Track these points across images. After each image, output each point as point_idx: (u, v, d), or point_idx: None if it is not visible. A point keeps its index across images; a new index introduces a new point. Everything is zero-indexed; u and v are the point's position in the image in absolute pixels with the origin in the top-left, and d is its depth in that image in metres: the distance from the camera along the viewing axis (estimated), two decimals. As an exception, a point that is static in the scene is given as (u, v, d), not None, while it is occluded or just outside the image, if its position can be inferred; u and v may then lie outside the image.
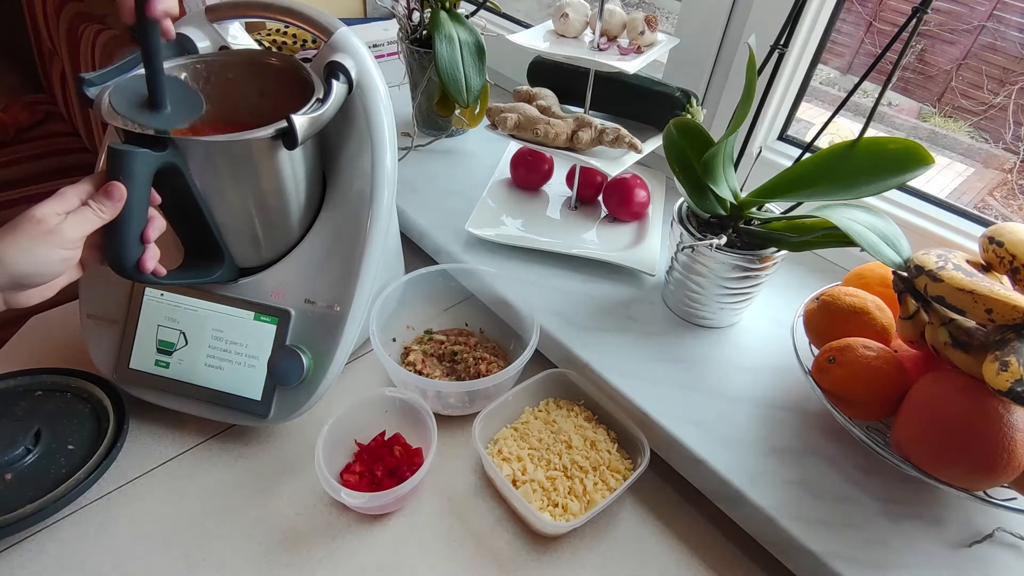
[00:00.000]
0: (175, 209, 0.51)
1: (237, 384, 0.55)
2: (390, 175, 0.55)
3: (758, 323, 0.65)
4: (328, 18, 0.53)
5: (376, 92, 0.54)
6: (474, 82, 0.77)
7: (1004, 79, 1.06)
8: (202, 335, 0.55)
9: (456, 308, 0.72)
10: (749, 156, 0.72)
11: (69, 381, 0.58)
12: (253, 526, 0.52)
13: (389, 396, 0.58)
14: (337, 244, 0.55)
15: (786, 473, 0.51)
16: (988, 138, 1.14)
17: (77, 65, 1.30)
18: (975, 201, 1.14)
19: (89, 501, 0.53)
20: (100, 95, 0.46)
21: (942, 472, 0.45)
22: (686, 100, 0.71)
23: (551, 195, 0.81)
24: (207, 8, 0.55)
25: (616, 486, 0.53)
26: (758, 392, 0.57)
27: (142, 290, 0.56)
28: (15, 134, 1.41)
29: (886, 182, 0.49)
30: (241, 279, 0.55)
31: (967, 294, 0.43)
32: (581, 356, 0.60)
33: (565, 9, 0.66)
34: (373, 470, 0.54)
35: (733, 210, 0.57)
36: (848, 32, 1.14)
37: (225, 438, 0.58)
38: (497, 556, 0.51)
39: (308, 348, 0.54)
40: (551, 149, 0.66)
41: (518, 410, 0.60)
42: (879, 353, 0.49)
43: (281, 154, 0.49)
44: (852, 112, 0.82)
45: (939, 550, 0.46)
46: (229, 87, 0.54)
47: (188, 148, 0.45)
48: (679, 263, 0.61)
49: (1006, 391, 0.39)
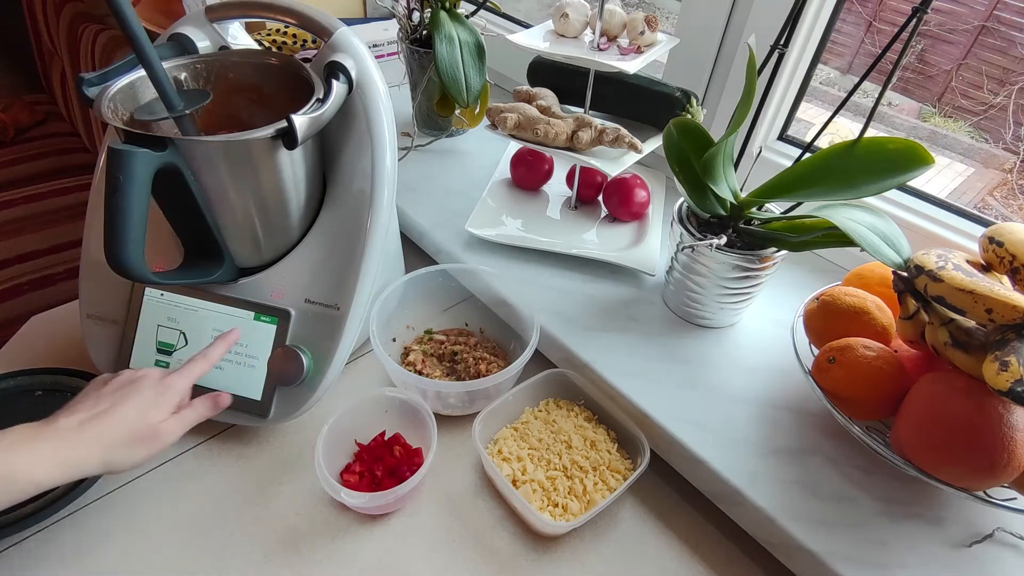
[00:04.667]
0: (175, 209, 0.51)
1: (237, 384, 0.55)
2: (390, 175, 0.55)
3: (758, 323, 0.65)
4: (328, 18, 0.53)
5: (376, 92, 0.54)
6: (474, 82, 0.77)
7: (1004, 79, 1.06)
8: (202, 335, 0.55)
9: (456, 308, 0.72)
10: (749, 156, 0.72)
11: (69, 381, 0.58)
12: (253, 526, 0.52)
13: (389, 396, 0.58)
14: (337, 244, 0.55)
15: (786, 473, 0.51)
16: (988, 138, 1.14)
17: (77, 65, 1.30)
18: (975, 201, 1.14)
19: (89, 501, 0.53)
20: (100, 95, 0.46)
21: (942, 472, 0.45)
22: (686, 100, 0.71)
23: (551, 195, 0.81)
24: (207, 8, 0.55)
25: (616, 486, 0.53)
26: (758, 392, 0.57)
27: (142, 290, 0.56)
28: (15, 134, 1.41)
29: (886, 182, 0.49)
30: (241, 279, 0.55)
31: (967, 294, 0.43)
32: (581, 356, 0.60)
33: (565, 9, 0.66)
34: (373, 470, 0.54)
35: (733, 210, 0.57)
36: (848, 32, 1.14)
37: (225, 438, 0.58)
38: (497, 556, 0.51)
39: (308, 348, 0.54)
40: (551, 149, 0.66)
41: (518, 410, 0.60)
42: (879, 353, 0.49)
43: (281, 154, 0.49)
44: (852, 112, 0.82)
45: (939, 550, 0.46)
46: (229, 87, 0.54)
47: (188, 148, 0.45)
48: (679, 263, 0.61)
49: (1006, 391, 0.39)
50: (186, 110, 0.46)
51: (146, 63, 0.44)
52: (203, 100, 0.48)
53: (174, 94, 0.46)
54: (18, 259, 1.11)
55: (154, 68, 0.44)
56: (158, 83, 0.45)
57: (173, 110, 0.46)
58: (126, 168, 0.41)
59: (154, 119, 0.48)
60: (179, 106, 0.46)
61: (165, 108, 0.46)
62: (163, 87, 0.45)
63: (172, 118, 0.47)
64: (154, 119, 0.48)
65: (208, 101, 0.48)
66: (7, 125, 1.39)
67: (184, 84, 0.53)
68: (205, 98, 0.48)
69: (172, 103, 0.46)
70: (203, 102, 0.48)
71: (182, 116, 0.47)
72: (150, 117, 0.47)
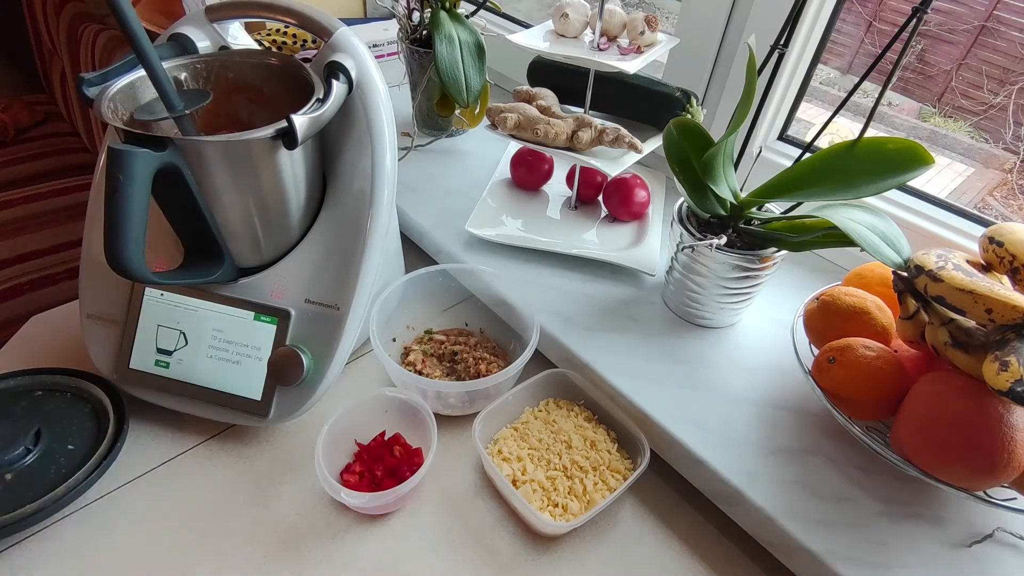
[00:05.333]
0: (175, 209, 0.51)
1: (237, 384, 0.55)
2: (390, 175, 0.55)
3: (758, 323, 0.65)
4: (328, 18, 0.53)
5: (376, 92, 0.54)
6: (474, 82, 0.77)
7: (1004, 79, 1.06)
8: (202, 335, 0.55)
9: (456, 308, 0.72)
10: (749, 156, 0.72)
11: (69, 381, 0.58)
12: (253, 526, 0.52)
13: (389, 396, 0.58)
14: (337, 244, 0.55)
15: (786, 473, 0.51)
16: (988, 138, 1.14)
17: (77, 65, 1.30)
18: (975, 201, 1.14)
19: (89, 501, 0.53)
20: (100, 95, 0.46)
21: (942, 472, 0.45)
22: (686, 100, 0.71)
23: (551, 195, 0.81)
24: (207, 8, 0.55)
25: (616, 486, 0.53)
26: (758, 392, 0.57)
27: (142, 290, 0.56)
28: (15, 134, 1.41)
29: (886, 182, 0.49)
30: (241, 279, 0.55)
31: (967, 294, 0.43)
32: (581, 356, 0.60)
33: (565, 9, 0.66)
34: (373, 470, 0.54)
35: (733, 210, 0.57)
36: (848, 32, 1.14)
37: (225, 438, 0.58)
38: (497, 556, 0.51)
39: (308, 348, 0.54)
40: (551, 149, 0.66)
41: (518, 410, 0.60)
42: (879, 353, 0.49)
43: (281, 154, 0.49)
44: (852, 112, 0.82)
45: (939, 550, 0.46)
46: (229, 87, 0.54)
47: (188, 148, 0.45)
48: (679, 263, 0.61)
49: (1006, 391, 0.39)
50: (186, 110, 0.47)
51: (146, 63, 0.44)
52: (203, 100, 0.48)
53: (174, 94, 0.46)
54: (18, 259, 1.11)
55: (154, 68, 0.44)
56: (158, 83, 0.45)
57: (173, 110, 0.46)
58: (126, 168, 0.41)
59: (154, 119, 0.48)
60: (179, 106, 0.46)
61: (165, 108, 0.46)
62: (163, 87, 0.45)
63: (172, 118, 0.47)
64: (154, 119, 0.48)
65: (208, 101, 0.48)
66: (7, 125, 1.40)
67: (184, 84, 0.53)
68: (205, 98, 0.48)
69: (172, 103, 0.46)
70: (203, 102, 0.48)
71: (182, 116, 0.47)
72: (150, 117, 0.47)
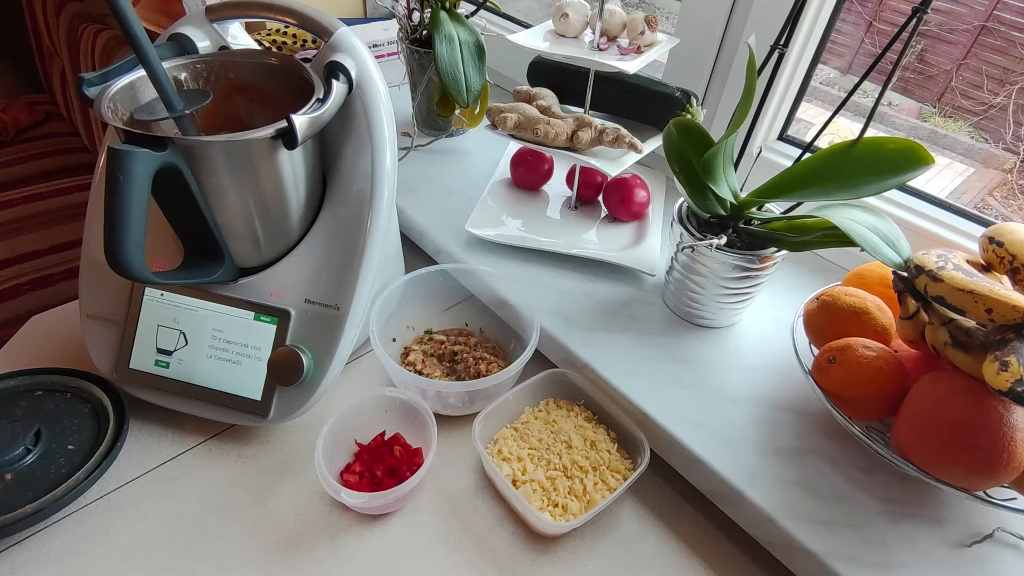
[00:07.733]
0: (175, 209, 0.51)
1: (237, 384, 0.55)
2: (390, 175, 0.55)
3: (758, 323, 0.65)
4: (328, 18, 0.53)
5: (376, 92, 0.54)
6: (474, 82, 0.77)
7: (1004, 79, 1.06)
8: (202, 335, 0.55)
9: (456, 308, 0.72)
10: (749, 156, 0.72)
11: (69, 381, 0.58)
12: (253, 526, 0.52)
13: (389, 396, 0.58)
14: (337, 244, 0.55)
15: (786, 473, 0.51)
16: (988, 138, 1.13)
17: (77, 65, 1.30)
18: (975, 201, 1.14)
19: (89, 501, 0.53)
20: (100, 95, 0.46)
21: (942, 472, 0.45)
22: (686, 100, 0.71)
23: (551, 195, 0.81)
24: (207, 8, 0.55)
25: (616, 486, 0.53)
26: (758, 392, 0.57)
27: (142, 290, 0.56)
28: (15, 134, 1.41)
29: (886, 182, 0.49)
30: (241, 279, 0.55)
31: (967, 294, 0.43)
32: (581, 356, 0.60)
33: (565, 9, 0.66)
34: (373, 470, 0.54)
35: (733, 210, 0.57)
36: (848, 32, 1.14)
37: (225, 438, 0.58)
38: (497, 556, 0.51)
39: (308, 348, 0.54)
40: (551, 149, 0.66)
41: (518, 410, 0.60)
42: (879, 353, 0.49)
43: (281, 154, 0.49)
44: (852, 112, 0.82)
45: (939, 550, 0.46)
46: (229, 87, 0.54)
47: (188, 148, 0.45)
48: (679, 263, 0.61)
49: (1006, 391, 0.39)
50: (186, 110, 0.47)
51: (146, 63, 0.44)
52: (203, 100, 0.48)
53: (174, 94, 0.46)
54: (18, 259, 1.11)
55: (154, 68, 0.44)
56: (158, 83, 0.45)
57: (173, 110, 0.46)
58: (126, 168, 0.41)
59: (154, 119, 0.48)
60: (179, 106, 0.46)
61: (165, 108, 0.46)
62: (163, 87, 0.45)
63: (172, 118, 0.47)
64: (154, 119, 0.48)
65: (208, 101, 0.48)
66: (7, 125, 1.40)
67: (184, 84, 0.53)
68: (205, 98, 0.48)
69: (172, 103, 0.46)
70: (203, 102, 0.48)
71: (182, 116, 0.47)
72: (150, 117, 0.47)
